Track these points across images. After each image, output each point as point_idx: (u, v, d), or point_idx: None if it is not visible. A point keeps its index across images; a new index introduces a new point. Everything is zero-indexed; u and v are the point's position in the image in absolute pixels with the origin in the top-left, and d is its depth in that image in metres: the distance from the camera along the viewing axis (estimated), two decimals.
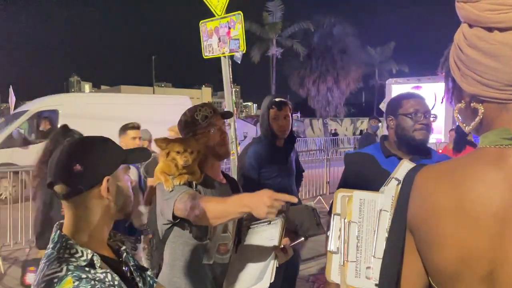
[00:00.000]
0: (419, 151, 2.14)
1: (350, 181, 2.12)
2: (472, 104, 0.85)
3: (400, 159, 2.09)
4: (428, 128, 2.11)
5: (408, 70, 40.80)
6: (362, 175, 1.85)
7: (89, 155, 1.23)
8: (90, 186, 1.22)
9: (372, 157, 2.19)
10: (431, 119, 2.12)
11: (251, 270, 1.97)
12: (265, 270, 1.89)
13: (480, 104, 0.84)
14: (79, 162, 1.20)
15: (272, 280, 1.84)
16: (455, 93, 0.91)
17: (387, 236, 1.01)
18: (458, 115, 0.90)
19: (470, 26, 0.82)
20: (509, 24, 0.77)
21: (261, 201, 1.66)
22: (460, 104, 0.88)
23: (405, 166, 1.53)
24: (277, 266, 1.89)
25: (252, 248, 2.09)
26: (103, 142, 1.30)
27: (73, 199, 1.23)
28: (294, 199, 1.76)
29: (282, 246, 1.95)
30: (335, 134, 28.18)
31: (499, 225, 0.78)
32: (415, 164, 1.03)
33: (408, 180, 0.94)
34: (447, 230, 0.83)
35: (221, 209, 1.78)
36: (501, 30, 0.78)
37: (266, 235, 2.07)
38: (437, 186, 0.87)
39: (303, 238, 2.14)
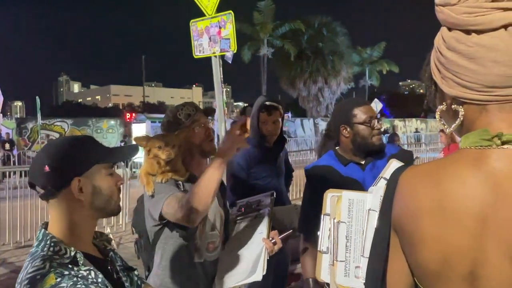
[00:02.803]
0: (375, 153, 2.19)
1: (315, 195, 2.11)
2: (453, 106, 0.87)
3: (358, 164, 2.16)
4: (381, 132, 2.19)
5: (399, 70, 41.08)
6: (326, 186, 1.87)
7: (57, 156, 1.23)
8: (59, 187, 1.22)
9: (331, 168, 2.19)
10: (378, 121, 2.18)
11: (243, 263, 1.98)
12: (257, 262, 1.90)
13: (461, 106, 0.85)
14: (48, 163, 1.21)
15: (264, 272, 1.85)
16: (437, 95, 0.93)
17: (373, 235, 1.03)
18: (440, 117, 0.91)
19: (449, 29, 0.84)
20: (486, 26, 0.78)
21: (225, 143, 1.82)
22: (442, 106, 0.90)
23: (393, 166, 1.55)
24: (268, 258, 1.91)
25: (241, 242, 2.10)
26: (76, 142, 1.29)
27: (50, 200, 1.24)
28: (243, 119, 1.89)
29: (271, 238, 1.97)
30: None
31: (480, 225, 0.79)
32: (403, 164, 1.04)
33: (393, 180, 0.95)
34: (429, 230, 0.84)
35: (203, 185, 1.78)
36: (478, 32, 0.79)
37: (254, 228, 2.09)
38: (419, 186, 0.88)
39: (291, 230, 2.16)
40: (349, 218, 1.64)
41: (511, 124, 0.81)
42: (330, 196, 1.72)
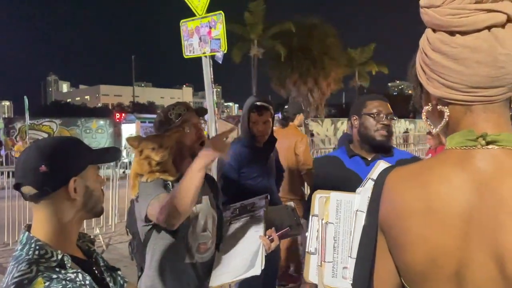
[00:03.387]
0: (381, 150, 2.21)
1: (319, 183, 2.16)
2: (438, 107, 0.88)
3: (362, 158, 2.19)
4: (389, 129, 2.18)
5: (388, 71, 41.34)
6: (329, 176, 1.92)
7: (55, 156, 1.22)
8: (56, 187, 1.21)
9: (338, 159, 2.25)
10: (393, 121, 2.20)
11: (240, 259, 1.99)
12: (255, 258, 1.91)
13: (446, 107, 0.86)
14: (45, 162, 1.19)
15: (263, 267, 1.85)
16: (423, 96, 0.93)
17: (360, 236, 1.04)
18: (427, 117, 0.92)
19: (434, 30, 0.85)
20: (470, 28, 0.79)
21: (209, 147, 1.77)
22: (427, 107, 0.91)
23: (381, 167, 1.56)
24: (265, 254, 1.92)
25: (238, 240, 2.11)
26: (70, 142, 1.29)
27: (41, 200, 1.21)
28: (233, 128, 1.91)
29: (268, 236, 1.97)
30: (312, 134, 28.41)
31: (465, 225, 0.80)
32: (390, 165, 1.05)
33: (380, 181, 0.96)
34: (416, 230, 0.85)
35: (182, 189, 1.75)
36: (462, 33, 0.80)
37: (250, 227, 2.10)
38: (406, 187, 0.89)
39: (288, 228, 2.17)
40: (337, 219, 1.65)
41: (496, 124, 0.82)
42: (318, 197, 1.73)
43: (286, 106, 5.67)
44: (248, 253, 1.97)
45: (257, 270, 1.85)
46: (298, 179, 4.59)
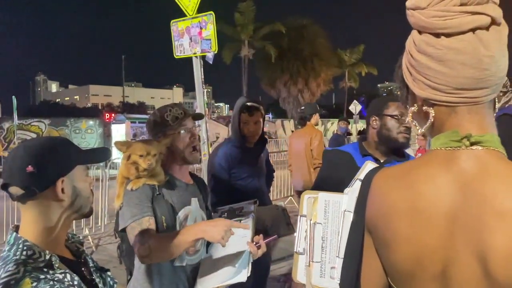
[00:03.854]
0: (396, 153, 2.20)
1: (326, 177, 2.15)
2: (424, 108, 0.89)
3: (375, 159, 2.17)
4: (410, 132, 2.18)
5: (377, 72, 41.56)
6: (338, 172, 1.88)
7: (42, 156, 1.21)
8: (43, 187, 1.20)
9: (349, 155, 2.23)
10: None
11: (226, 265, 1.97)
12: (241, 264, 1.90)
13: (431, 108, 0.87)
14: (32, 163, 1.18)
15: (249, 274, 1.85)
16: (409, 97, 0.94)
17: (347, 236, 1.05)
18: (413, 118, 0.93)
19: (420, 32, 0.85)
20: (454, 30, 0.80)
21: (216, 227, 1.75)
22: (413, 108, 0.92)
23: (368, 168, 1.57)
24: (252, 261, 1.91)
25: (224, 246, 2.09)
26: (57, 142, 1.28)
27: (28, 201, 1.21)
28: (246, 227, 1.90)
29: (256, 242, 1.97)
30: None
31: (450, 225, 0.81)
32: (377, 165, 1.06)
33: (367, 181, 0.97)
34: (401, 230, 0.86)
35: (174, 243, 1.77)
36: (447, 35, 0.81)
37: (238, 232, 2.08)
38: (392, 187, 0.90)
39: (276, 236, 2.16)
40: (325, 220, 1.66)
41: (480, 125, 0.84)
42: (306, 198, 1.74)
43: (302, 107, 5.86)
44: (236, 259, 1.96)
45: (243, 277, 1.85)
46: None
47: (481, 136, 0.82)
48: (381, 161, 2.17)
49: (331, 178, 1.89)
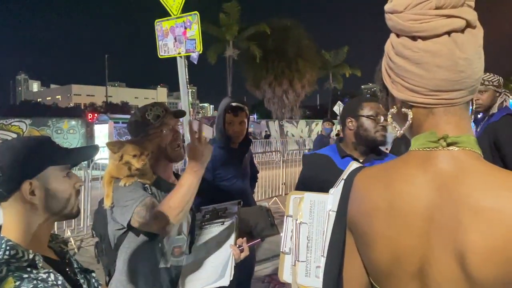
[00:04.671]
0: (374, 152, 2.24)
1: (307, 181, 2.16)
2: (403, 110, 0.90)
3: (355, 159, 2.19)
4: (386, 130, 2.22)
5: (361, 74, 41.99)
6: (319, 175, 1.90)
7: (7, 158, 1.19)
8: (10, 190, 1.18)
9: (329, 158, 2.25)
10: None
11: (209, 268, 1.96)
12: (224, 267, 1.89)
13: (410, 110, 0.89)
14: None
15: (231, 278, 1.84)
16: (388, 99, 0.96)
17: (330, 235, 1.05)
18: (392, 120, 0.95)
19: (397, 35, 0.87)
20: (430, 33, 0.82)
21: (203, 156, 1.82)
22: (392, 110, 0.94)
23: (352, 168, 1.58)
24: (234, 264, 1.90)
25: (207, 248, 2.07)
26: (28, 143, 1.25)
27: (2, 203, 1.20)
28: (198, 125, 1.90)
29: (239, 245, 1.96)
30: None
31: (426, 224, 0.83)
32: (360, 165, 1.08)
33: (349, 181, 0.99)
34: (380, 229, 0.88)
35: (181, 194, 1.77)
36: (423, 38, 0.83)
37: (221, 235, 2.07)
38: (371, 187, 0.92)
39: (260, 239, 2.16)
40: (311, 219, 1.67)
41: (456, 126, 0.86)
42: (292, 198, 1.75)
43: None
44: (218, 262, 1.95)
45: (226, 281, 1.84)
46: None
47: (457, 137, 0.84)
48: (361, 160, 2.20)
49: (312, 182, 1.91)
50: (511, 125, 3.34)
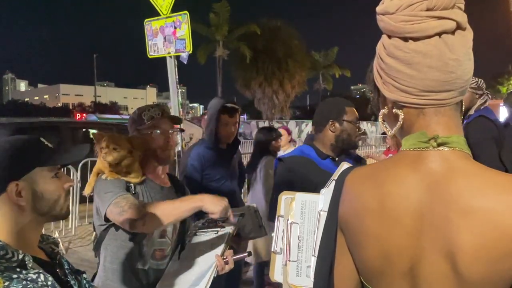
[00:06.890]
0: (346, 152, 2.39)
1: (288, 184, 2.14)
2: (394, 110, 0.91)
3: (333, 159, 2.30)
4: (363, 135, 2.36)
5: (350, 74, 42.20)
6: (306, 177, 1.94)
7: None
8: None
9: (309, 159, 2.30)
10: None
11: (189, 274, 1.93)
12: (202, 276, 1.86)
13: (401, 110, 0.90)
14: None
15: None
16: (380, 99, 0.97)
17: (321, 235, 1.06)
18: (383, 120, 0.96)
19: (389, 36, 0.88)
20: (421, 34, 0.83)
21: (217, 200, 1.80)
22: (384, 110, 0.95)
23: (343, 168, 1.59)
24: (215, 275, 1.87)
25: (194, 254, 2.05)
26: (15, 144, 1.23)
27: None
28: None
29: (225, 257, 1.93)
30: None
31: (417, 224, 0.84)
32: (351, 166, 1.08)
33: (340, 181, 1.00)
34: (371, 228, 0.88)
35: (172, 208, 1.79)
36: (414, 39, 0.84)
37: (211, 243, 2.04)
38: (362, 187, 0.93)
39: (246, 254, 2.13)
40: (302, 219, 1.67)
41: (447, 126, 0.87)
42: (284, 198, 1.75)
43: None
44: (199, 270, 1.92)
45: None
46: None
47: (447, 137, 0.85)
48: (337, 160, 2.32)
49: (293, 184, 1.96)
50: (480, 127, 3.38)
